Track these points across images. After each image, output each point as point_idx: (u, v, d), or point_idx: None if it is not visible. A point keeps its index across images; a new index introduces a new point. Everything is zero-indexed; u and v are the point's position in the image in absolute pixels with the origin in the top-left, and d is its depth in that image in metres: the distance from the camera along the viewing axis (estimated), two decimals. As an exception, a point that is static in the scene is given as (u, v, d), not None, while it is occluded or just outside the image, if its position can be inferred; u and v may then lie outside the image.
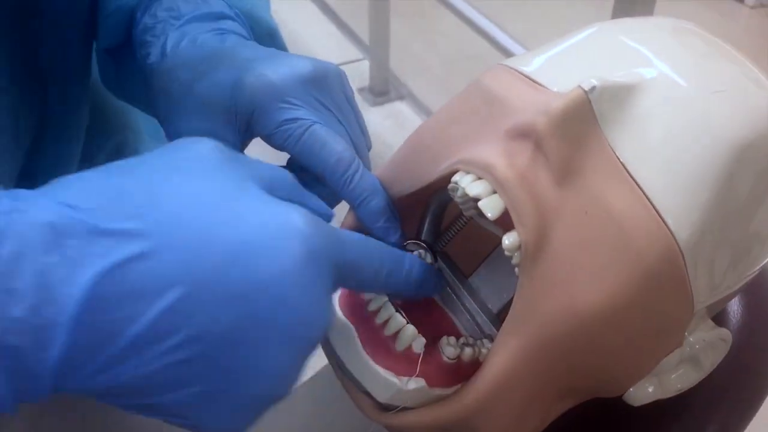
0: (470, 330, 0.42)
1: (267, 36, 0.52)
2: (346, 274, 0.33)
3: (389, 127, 1.93)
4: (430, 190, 0.41)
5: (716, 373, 0.42)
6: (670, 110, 0.35)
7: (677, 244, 0.34)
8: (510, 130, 0.35)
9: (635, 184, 0.34)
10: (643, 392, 0.41)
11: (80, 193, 0.28)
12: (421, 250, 0.42)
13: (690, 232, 0.34)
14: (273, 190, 0.32)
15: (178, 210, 0.29)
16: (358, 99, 2.12)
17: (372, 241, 0.35)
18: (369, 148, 0.47)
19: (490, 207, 0.35)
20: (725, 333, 0.41)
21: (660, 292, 0.35)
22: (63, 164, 0.54)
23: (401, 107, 2.06)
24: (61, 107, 0.52)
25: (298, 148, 0.42)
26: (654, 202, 0.34)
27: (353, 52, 2.24)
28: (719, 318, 0.46)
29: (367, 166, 0.45)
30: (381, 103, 2.07)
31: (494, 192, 0.35)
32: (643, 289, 0.34)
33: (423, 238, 0.44)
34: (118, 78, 0.54)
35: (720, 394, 0.46)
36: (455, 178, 0.37)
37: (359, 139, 0.45)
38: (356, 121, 0.46)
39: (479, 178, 0.36)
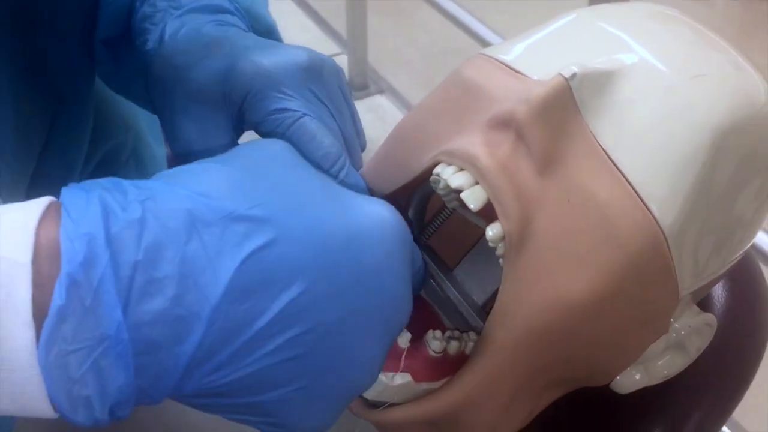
0: (456, 323, 0.42)
1: (265, 33, 0.52)
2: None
3: (370, 122, 1.92)
4: (414, 185, 0.41)
5: (702, 359, 0.42)
6: (651, 96, 0.35)
7: (661, 230, 0.34)
8: (491, 120, 0.35)
9: (618, 172, 0.34)
10: (630, 380, 0.40)
11: (209, 183, 0.28)
12: None
13: (674, 218, 0.34)
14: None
15: (298, 199, 0.29)
16: (338, 94, 2.13)
17: None
18: (363, 148, 0.46)
19: (473, 198, 0.34)
20: (710, 318, 0.41)
21: (645, 279, 0.34)
22: (71, 165, 0.53)
23: (381, 101, 2.06)
24: (72, 106, 0.52)
25: (285, 138, 0.41)
26: (637, 189, 0.34)
27: (331, 46, 2.23)
28: (704, 303, 0.46)
29: (356, 164, 0.45)
30: (361, 98, 2.05)
31: (476, 183, 0.35)
32: (628, 277, 0.34)
33: None
34: (116, 70, 0.53)
35: (705, 379, 0.46)
36: (437, 170, 0.36)
37: (351, 136, 0.44)
38: (351, 118, 0.45)
39: (461, 170, 0.35)
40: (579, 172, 0.34)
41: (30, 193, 0.45)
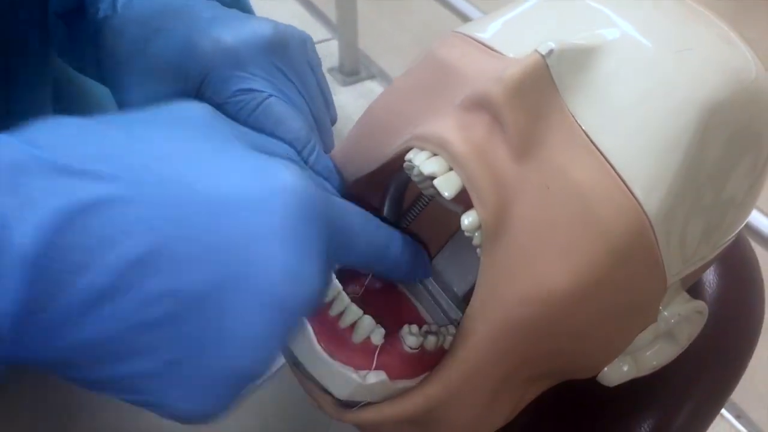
0: (435, 315, 0.40)
1: (232, 1, 0.49)
2: (340, 241, 0.30)
3: (361, 107, 1.88)
4: (387, 170, 0.39)
5: (693, 347, 0.40)
6: (633, 72, 0.33)
7: (646, 215, 0.32)
8: (465, 101, 0.33)
9: (599, 154, 0.32)
10: (618, 372, 0.39)
11: (48, 133, 0.26)
12: None
13: (659, 202, 0.32)
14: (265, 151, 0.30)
15: (155, 159, 0.26)
16: (329, 79, 2.10)
17: (365, 212, 0.33)
18: (334, 122, 0.44)
19: (447, 185, 0.32)
20: (701, 305, 0.39)
21: (630, 267, 0.33)
22: None
23: (372, 86, 2.03)
24: (25, 82, 0.49)
25: (251, 120, 0.39)
26: (620, 172, 0.32)
27: (321, 32, 2.20)
28: (694, 289, 0.44)
29: (327, 141, 0.43)
30: (352, 83, 2.03)
31: (450, 169, 0.33)
32: (612, 266, 0.32)
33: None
34: (71, 44, 0.49)
35: (697, 368, 0.44)
36: (409, 155, 0.34)
37: (321, 112, 0.42)
38: (319, 92, 0.43)
39: (434, 155, 0.33)
40: (558, 156, 0.32)
41: None
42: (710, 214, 0.36)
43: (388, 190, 0.42)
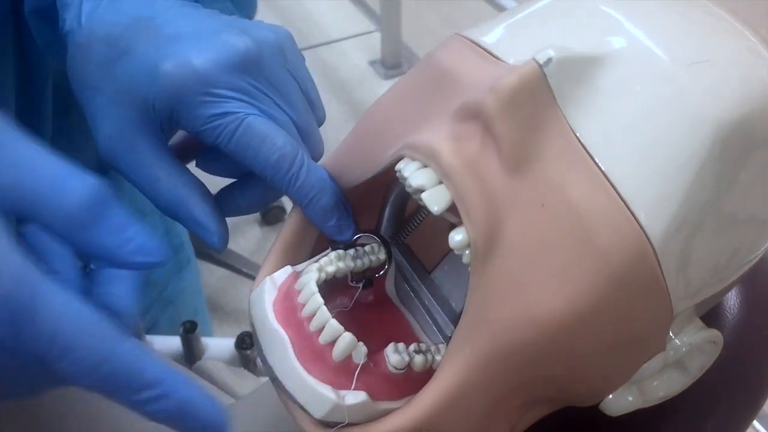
0: (429, 332, 0.38)
1: None
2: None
3: (401, 101, 1.88)
4: (384, 178, 0.37)
5: (711, 375, 0.38)
6: (641, 85, 0.30)
7: (649, 240, 0.29)
8: (458, 110, 0.31)
9: (599, 172, 0.29)
10: (622, 402, 0.36)
11: None
12: (375, 244, 0.38)
13: (664, 225, 0.30)
14: None
15: None
16: (370, 72, 2.09)
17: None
18: (321, 122, 0.42)
19: (435, 199, 0.30)
20: (715, 334, 0.36)
21: (630, 295, 0.30)
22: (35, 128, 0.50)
23: (414, 80, 2.01)
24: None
25: (232, 145, 0.36)
26: (621, 193, 0.29)
27: (364, 24, 2.18)
28: (713, 314, 0.41)
29: (316, 148, 0.41)
30: (393, 76, 2.01)
31: (440, 182, 0.31)
32: (611, 292, 0.30)
33: (382, 231, 0.40)
34: (56, 44, 0.46)
35: (715, 397, 0.41)
36: (399, 165, 0.32)
37: (305, 120, 0.40)
38: (301, 98, 0.40)
39: (425, 166, 0.31)
40: (554, 172, 0.30)
41: None
42: (728, 235, 0.33)
43: (387, 199, 0.40)
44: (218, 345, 0.78)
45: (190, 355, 0.75)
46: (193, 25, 0.38)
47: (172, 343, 0.75)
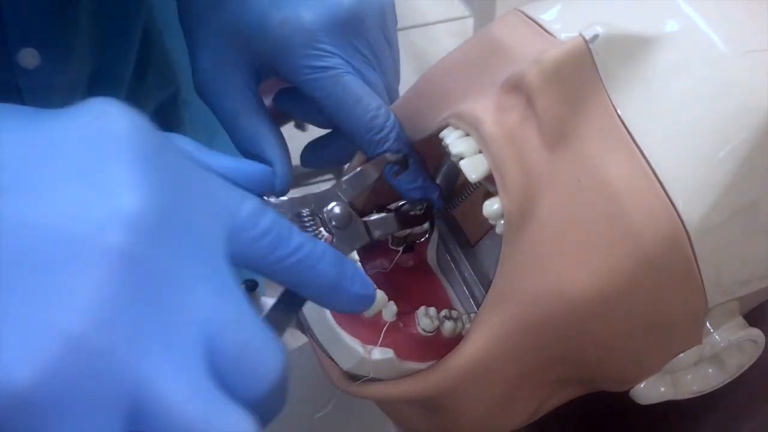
0: (465, 303, 0.39)
1: None
2: None
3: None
4: (431, 149, 0.37)
5: (750, 375, 0.37)
6: (693, 69, 0.30)
7: (684, 226, 0.29)
8: (505, 82, 0.31)
9: (639, 153, 0.29)
10: (654, 391, 0.36)
11: None
12: (418, 213, 0.39)
13: (702, 214, 0.29)
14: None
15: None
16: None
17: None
18: (398, 84, 0.43)
19: (473, 168, 0.31)
20: (756, 333, 0.35)
21: (661, 279, 0.30)
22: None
23: (504, 68, 1.99)
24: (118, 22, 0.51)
25: (328, 99, 0.38)
26: (660, 176, 0.29)
27: (458, 9, 2.17)
28: (758, 314, 0.40)
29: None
30: (484, 64, 1.99)
31: (480, 151, 0.31)
32: (640, 274, 0.30)
33: None
34: None
35: (753, 399, 0.40)
36: (443, 133, 0.33)
37: (392, 86, 0.41)
38: (392, 65, 0.42)
39: (467, 135, 0.32)
40: (593, 150, 0.30)
41: None
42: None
43: (440, 169, 0.41)
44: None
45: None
46: None
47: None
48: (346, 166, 0.43)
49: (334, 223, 0.31)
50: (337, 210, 0.32)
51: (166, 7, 0.52)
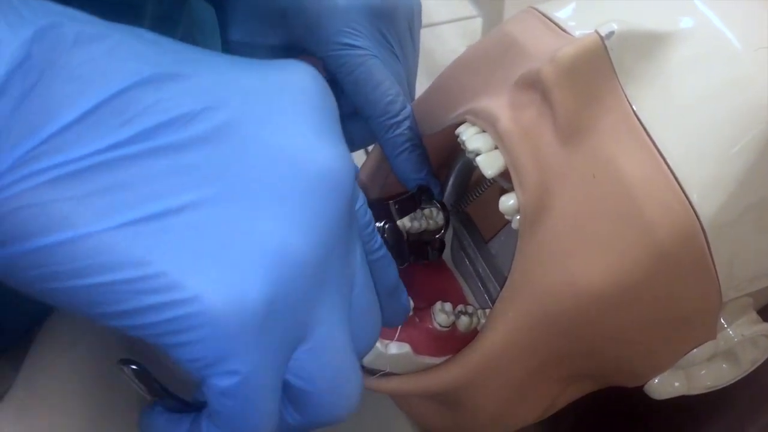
0: (479, 299, 0.39)
1: None
2: None
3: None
4: (442, 139, 0.38)
5: (765, 372, 0.37)
6: (708, 65, 0.30)
7: (699, 221, 0.29)
8: (520, 79, 0.32)
9: (654, 148, 0.29)
10: (668, 386, 0.36)
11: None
12: (434, 209, 0.39)
13: (717, 208, 0.29)
14: None
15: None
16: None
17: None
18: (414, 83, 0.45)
19: (488, 163, 0.31)
20: (770, 329, 0.36)
21: (676, 273, 0.30)
22: None
23: (512, 68, 1.99)
24: None
25: (351, 77, 0.39)
26: (675, 170, 0.29)
27: (467, 8, 2.17)
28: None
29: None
30: (491, 64, 2.00)
31: (496, 147, 0.32)
32: (655, 268, 0.30)
33: (444, 198, 0.41)
34: None
35: (764, 398, 0.41)
36: (459, 129, 0.33)
37: (413, 78, 0.43)
38: (414, 62, 0.44)
39: (483, 131, 0.32)
40: (608, 144, 0.30)
41: None
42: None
43: (453, 166, 0.42)
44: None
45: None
46: None
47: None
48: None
49: (385, 235, 0.33)
50: (388, 226, 0.34)
51: None
